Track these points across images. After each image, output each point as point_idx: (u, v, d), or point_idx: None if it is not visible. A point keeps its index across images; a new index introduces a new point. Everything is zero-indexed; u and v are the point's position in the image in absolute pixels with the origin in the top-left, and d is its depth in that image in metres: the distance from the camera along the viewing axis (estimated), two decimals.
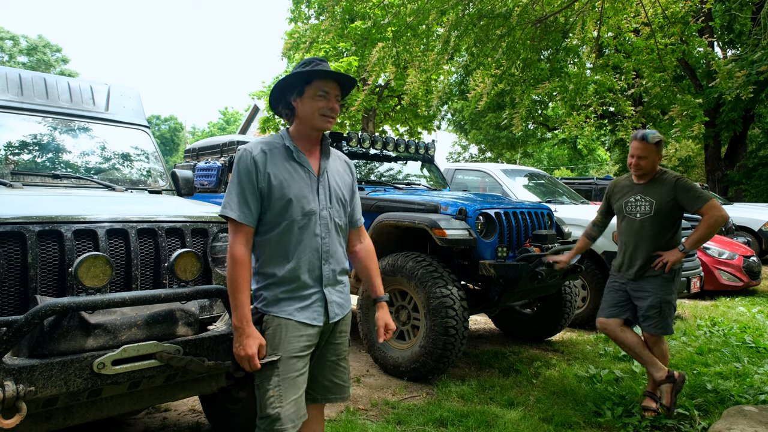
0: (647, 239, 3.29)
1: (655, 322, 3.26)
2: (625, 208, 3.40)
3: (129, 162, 3.46)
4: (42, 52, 37.39)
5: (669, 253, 3.23)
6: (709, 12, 11.61)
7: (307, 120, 1.94)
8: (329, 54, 13.99)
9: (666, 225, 3.28)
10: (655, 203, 3.27)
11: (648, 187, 3.32)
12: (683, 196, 3.20)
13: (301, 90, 1.91)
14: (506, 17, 4.93)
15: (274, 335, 1.88)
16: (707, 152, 16.30)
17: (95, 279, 1.95)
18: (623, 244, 3.43)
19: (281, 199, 1.87)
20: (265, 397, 1.85)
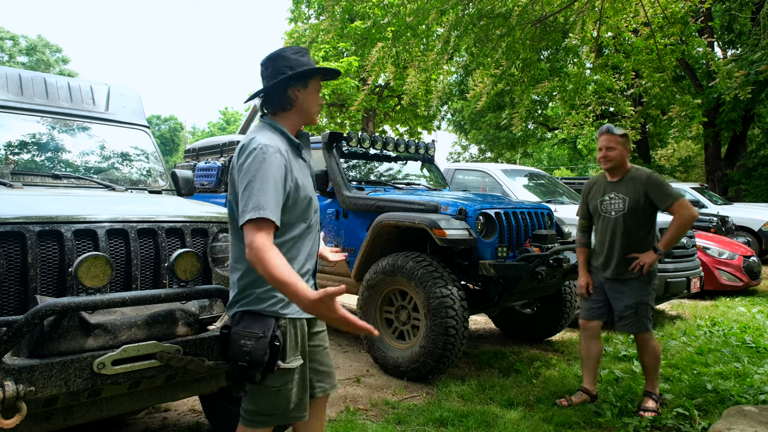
0: (622, 236, 3.32)
1: (631, 322, 3.30)
2: (600, 207, 3.44)
3: (129, 162, 3.46)
4: (41, 52, 37.38)
5: (644, 256, 3.26)
6: (709, 12, 11.62)
7: (307, 113, 1.90)
8: (329, 54, 13.99)
9: (641, 222, 3.31)
10: (628, 200, 3.30)
11: (621, 184, 3.36)
12: (654, 193, 3.24)
13: (306, 83, 1.86)
14: (506, 17, 4.93)
15: (296, 338, 1.83)
16: (707, 152, 16.31)
17: (95, 279, 1.95)
18: (600, 243, 3.46)
19: (304, 200, 1.83)
20: (287, 397, 1.82)
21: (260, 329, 1.72)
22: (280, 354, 1.77)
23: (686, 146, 23.34)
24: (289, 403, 1.84)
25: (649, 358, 3.38)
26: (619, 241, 3.33)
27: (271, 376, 1.77)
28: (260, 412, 1.85)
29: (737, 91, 5.09)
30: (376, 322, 4.13)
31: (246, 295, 1.78)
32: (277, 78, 1.83)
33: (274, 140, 1.77)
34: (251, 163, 1.69)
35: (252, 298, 1.77)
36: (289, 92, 1.85)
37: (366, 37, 12.52)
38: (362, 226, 4.44)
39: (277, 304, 1.78)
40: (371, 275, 4.12)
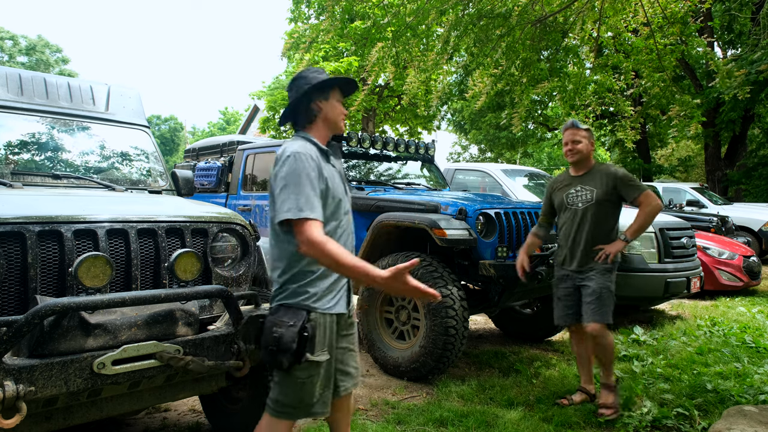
0: (589, 227, 3.34)
1: (594, 308, 3.27)
2: (566, 200, 3.45)
3: (129, 162, 3.46)
4: (41, 52, 37.37)
5: (610, 246, 3.29)
6: (709, 12, 11.62)
7: (331, 122, 2.08)
8: (329, 54, 13.99)
9: (608, 213, 3.36)
10: (596, 191, 3.33)
11: (587, 177, 3.41)
12: (622, 185, 3.29)
13: (327, 95, 2.05)
14: (506, 17, 4.93)
15: (324, 333, 1.94)
16: (707, 152, 16.30)
17: (95, 279, 1.95)
18: (565, 237, 3.45)
19: (334, 200, 1.98)
20: (311, 391, 1.93)
21: (291, 319, 1.87)
22: (309, 346, 1.89)
23: (686, 146, 23.34)
24: (312, 397, 1.95)
25: (605, 352, 3.35)
26: (586, 233, 3.34)
27: (298, 367, 1.89)
28: (285, 403, 1.95)
29: (736, 90, 5.09)
30: (376, 322, 4.13)
31: (284, 290, 1.94)
32: (299, 93, 2.03)
33: (305, 147, 1.95)
34: (287, 168, 1.87)
35: (288, 293, 1.93)
36: (312, 105, 2.04)
37: (366, 37, 12.51)
38: (362, 226, 4.44)
39: (309, 299, 1.92)
40: None
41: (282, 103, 14.53)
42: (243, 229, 2.58)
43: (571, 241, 3.40)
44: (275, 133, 14.74)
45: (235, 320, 2.22)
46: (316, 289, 1.93)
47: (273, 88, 20.24)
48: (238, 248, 2.59)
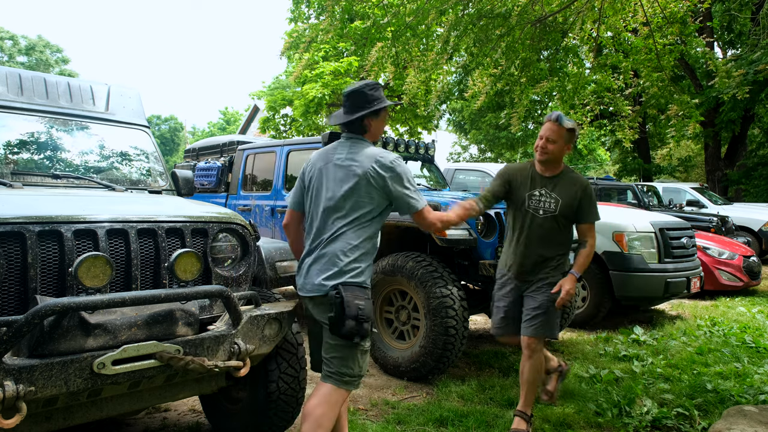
0: (543, 239, 3.01)
1: (540, 322, 2.97)
2: (528, 201, 3.02)
3: (129, 162, 3.46)
4: (41, 52, 37.36)
5: (565, 281, 2.95)
6: (708, 12, 11.62)
7: (376, 136, 2.46)
8: (329, 54, 13.98)
9: (564, 228, 3.03)
10: (561, 202, 2.97)
11: (555, 182, 3.01)
12: (586, 203, 2.99)
13: (378, 114, 2.40)
14: (506, 17, 4.93)
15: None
16: (707, 152, 16.31)
17: (95, 279, 1.95)
18: (517, 243, 3.05)
19: None
20: (364, 360, 2.30)
21: (365, 295, 2.23)
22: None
23: (686, 146, 23.34)
24: (363, 368, 2.31)
25: (534, 371, 3.04)
26: (540, 244, 3.00)
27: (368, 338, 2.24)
28: (352, 374, 2.26)
29: (736, 90, 5.09)
30: (376, 323, 4.13)
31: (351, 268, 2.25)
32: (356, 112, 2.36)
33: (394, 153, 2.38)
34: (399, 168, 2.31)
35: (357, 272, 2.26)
36: (365, 122, 2.39)
37: (366, 37, 12.51)
38: None
39: (367, 278, 2.30)
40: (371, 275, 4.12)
41: (282, 104, 14.52)
42: (243, 229, 2.58)
43: (523, 248, 3.03)
44: (275, 133, 14.74)
45: (235, 320, 2.22)
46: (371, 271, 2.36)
47: (273, 88, 20.24)
48: (238, 248, 2.59)
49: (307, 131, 13.76)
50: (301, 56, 9.69)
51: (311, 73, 12.70)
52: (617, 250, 5.51)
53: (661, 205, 10.56)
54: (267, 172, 5.68)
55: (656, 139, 21.00)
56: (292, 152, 5.42)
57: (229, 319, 2.23)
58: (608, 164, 32.83)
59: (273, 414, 2.69)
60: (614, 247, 5.53)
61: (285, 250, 3.01)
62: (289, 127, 14.64)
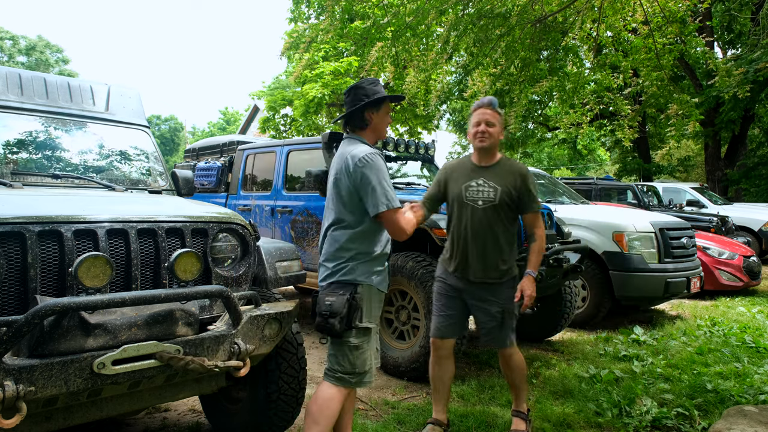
0: (489, 233, 2.82)
1: (493, 336, 2.88)
2: (465, 193, 2.87)
3: (129, 162, 3.46)
4: (41, 52, 37.36)
5: (524, 285, 2.80)
6: (708, 11, 11.61)
7: (379, 131, 2.41)
8: (329, 54, 13.98)
9: (508, 218, 2.86)
10: (499, 190, 2.81)
11: (492, 171, 2.87)
12: (526, 192, 2.83)
13: (378, 107, 2.38)
14: (505, 17, 4.93)
15: (371, 303, 2.31)
16: (707, 152, 16.30)
17: (95, 279, 1.94)
18: (460, 238, 2.89)
19: None
20: (363, 356, 2.29)
21: (342, 290, 2.23)
22: (358, 315, 2.24)
23: (686, 146, 23.34)
24: (365, 365, 2.29)
25: (516, 374, 2.97)
26: (483, 239, 2.82)
27: (350, 333, 2.24)
28: (344, 371, 2.27)
29: (736, 89, 5.09)
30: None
31: (339, 268, 2.29)
32: (356, 105, 2.34)
33: (374, 150, 2.29)
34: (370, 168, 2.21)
35: (344, 271, 2.28)
36: (366, 115, 2.37)
37: (366, 37, 12.51)
38: None
39: (361, 275, 2.28)
40: None
41: (282, 104, 14.52)
42: (243, 229, 2.58)
43: (465, 246, 2.86)
44: (275, 133, 14.74)
45: (235, 320, 2.22)
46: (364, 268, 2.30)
47: (273, 88, 20.23)
48: (238, 248, 2.59)
49: (307, 131, 13.76)
50: (301, 56, 9.70)
51: (311, 73, 12.70)
52: (617, 250, 5.52)
53: (661, 205, 10.57)
54: (267, 172, 5.68)
55: (656, 139, 20.99)
56: (292, 152, 5.43)
57: (229, 319, 2.23)
58: (608, 164, 32.83)
59: (273, 414, 2.69)
60: (614, 247, 5.54)
61: (285, 250, 3.01)
62: (289, 127, 14.64)
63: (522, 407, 3.05)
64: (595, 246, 5.54)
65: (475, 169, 2.92)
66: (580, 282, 5.50)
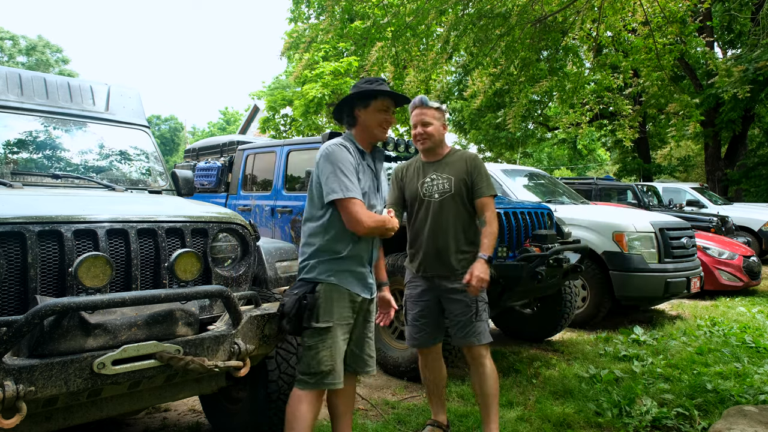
0: (449, 223, 2.78)
1: (468, 330, 2.74)
2: (421, 190, 2.84)
3: (129, 162, 3.46)
4: (41, 52, 37.36)
5: (474, 266, 2.65)
6: (708, 11, 11.61)
7: (368, 129, 2.31)
8: (329, 54, 13.98)
9: (466, 208, 2.80)
10: (453, 179, 2.79)
11: (442, 164, 2.85)
12: (477, 176, 2.78)
13: (367, 104, 2.27)
14: (505, 17, 4.93)
15: (330, 302, 2.21)
16: (707, 152, 16.31)
17: (95, 279, 1.94)
18: (421, 235, 2.84)
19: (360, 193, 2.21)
20: (318, 356, 2.20)
21: (297, 289, 2.20)
22: (314, 315, 2.19)
23: (686, 146, 23.34)
24: (320, 365, 2.20)
25: (490, 381, 2.75)
26: (446, 230, 2.77)
27: (306, 333, 2.21)
28: (301, 371, 2.24)
29: (736, 90, 5.09)
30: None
31: (304, 265, 2.27)
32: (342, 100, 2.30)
33: (343, 142, 2.25)
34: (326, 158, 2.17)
35: (307, 269, 2.26)
36: (354, 112, 2.30)
37: (366, 37, 12.51)
38: None
39: (320, 273, 2.22)
40: None
41: (282, 104, 14.52)
42: (243, 229, 2.58)
43: (429, 241, 2.79)
44: (275, 133, 14.74)
45: (235, 320, 2.22)
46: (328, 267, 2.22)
47: (273, 88, 20.24)
48: (238, 248, 2.59)
49: (307, 131, 13.76)
50: (301, 56, 9.70)
51: (311, 73, 12.71)
52: (617, 250, 5.52)
53: (661, 205, 10.57)
54: (267, 172, 5.68)
55: (656, 139, 21.00)
56: (292, 152, 5.43)
57: (229, 319, 2.23)
58: (608, 164, 32.84)
59: (273, 414, 2.69)
60: (614, 247, 5.54)
61: (285, 250, 3.01)
62: (289, 127, 14.65)
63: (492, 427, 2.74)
64: (595, 246, 5.54)
65: (426, 165, 2.90)
66: (580, 282, 5.50)
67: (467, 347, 2.81)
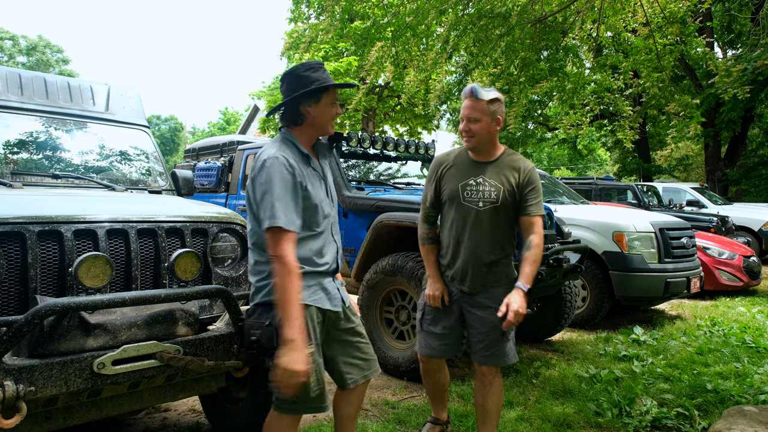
0: (487, 238, 2.50)
1: (495, 350, 2.49)
2: (462, 193, 2.52)
3: (129, 162, 3.46)
4: (41, 52, 37.37)
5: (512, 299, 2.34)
6: (708, 12, 11.61)
7: (321, 126, 2.04)
8: (329, 54, 13.99)
9: (508, 224, 2.54)
10: (502, 189, 2.47)
11: (492, 167, 2.52)
12: (529, 191, 2.48)
13: (318, 98, 1.99)
14: (505, 17, 4.93)
15: (307, 323, 1.92)
16: (707, 152, 16.31)
17: (95, 279, 1.95)
18: (455, 242, 2.56)
19: (311, 206, 1.97)
20: (305, 385, 1.89)
21: (267, 318, 1.87)
22: None
23: (686, 146, 23.35)
24: (308, 392, 1.95)
25: (495, 399, 2.58)
26: (484, 244, 2.50)
27: None
28: (283, 398, 1.95)
29: (736, 90, 5.09)
30: (376, 322, 4.13)
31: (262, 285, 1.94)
32: (289, 96, 1.98)
33: (282, 151, 1.94)
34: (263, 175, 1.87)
35: (266, 291, 1.92)
36: (301, 109, 1.99)
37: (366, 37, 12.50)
38: (362, 226, 4.44)
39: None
40: (371, 275, 4.12)
41: None
42: (243, 229, 2.58)
43: (466, 250, 2.53)
44: (275, 133, 14.75)
45: (235, 320, 2.22)
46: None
47: (273, 88, 20.23)
48: (238, 248, 2.59)
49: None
50: (301, 56, 9.69)
51: None
52: (617, 250, 5.52)
53: (661, 205, 10.58)
54: None
55: (656, 139, 21.01)
56: None
57: (229, 319, 2.23)
58: (608, 164, 32.85)
59: None
60: (614, 247, 5.54)
61: None
62: None
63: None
64: (595, 246, 5.54)
65: (473, 165, 2.55)
66: (580, 282, 5.50)
67: (481, 365, 2.57)
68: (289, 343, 1.77)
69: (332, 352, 2.14)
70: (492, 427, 2.60)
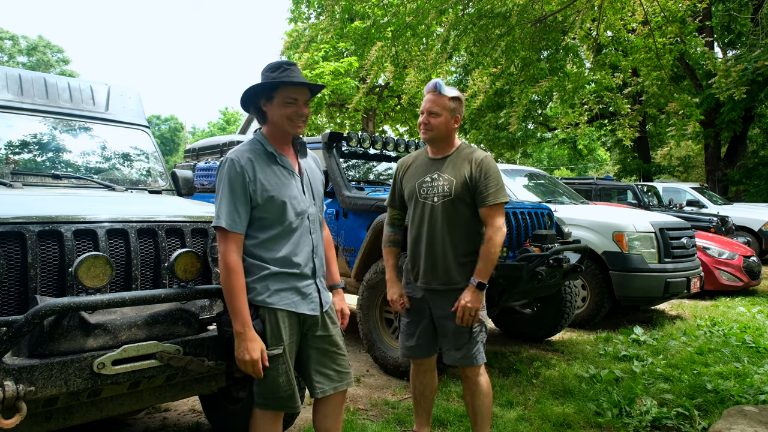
0: (445, 234, 2.47)
1: (463, 350, 2.48)
2: (419, 190, 2.54)
3: (129, 162, 3.46)
4: (42, 52, 37.38)
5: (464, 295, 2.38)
6: (708, 11, 11.61)
7: (278, 124, 2.02)
8: (329, 54, 13.99)
9: (469, 215, 2.48)
10: (454, 182, 2.45)
11: (448, 161, 2.52)
12: (483, 181, 2.43)
13: (269, 96, 1.98)
14: (505, 17, 4.93)
15: (276, 326, 1.98)
16: (707, 152, 16.31)
17: (95, 279, 1.94)
18: (419, 241, 2.55)
19: (275, 203, 1.97)
20: (276, 384, 2.00)
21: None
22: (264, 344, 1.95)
23: (686, 146, 23.36)
24: (278, 390, 2.02)
25: (483, 399, 2.54)
26: (442, 239, 2.47)
27: None
28: (259, 393, 2.05)
29: (733, 91, 5.08)
30: (376, 322, 4.13)
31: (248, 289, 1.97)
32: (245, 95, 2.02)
33: (244, 151, 1.99)
34: (218, 177, 1.95)
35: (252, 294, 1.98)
36: (262, 108, 2.02)
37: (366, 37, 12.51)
38: (362, 226, 4.44)
39: (259, 295, 1.97)
40: (371, 275, 4.12)
41: None
42: None
43: (425, 249, 2.52)
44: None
45: None
46: (265, 286, 1.96)
47: None
48: None
49: (306, 131, 13.77)
50: (301, 56, 9.70)
51: (311, 73, 12.70)
52: (617, 250, 5.52)
53: (661, 205, 10.58)
54: None
55: (656, 139, 21.01)
56: None
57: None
58: (608, 164, 32.85)
59: None
60: (614, 247, 5.54)
61: None
62: None
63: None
64: (595, 246, 5.54)
65: (430, 162, 2.57)
66: (580, 282, 5.50)
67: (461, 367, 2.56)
68: (238, 335, 1.88)
69: (305, 359, 2.13)
70: (485, 427, 2.58)
